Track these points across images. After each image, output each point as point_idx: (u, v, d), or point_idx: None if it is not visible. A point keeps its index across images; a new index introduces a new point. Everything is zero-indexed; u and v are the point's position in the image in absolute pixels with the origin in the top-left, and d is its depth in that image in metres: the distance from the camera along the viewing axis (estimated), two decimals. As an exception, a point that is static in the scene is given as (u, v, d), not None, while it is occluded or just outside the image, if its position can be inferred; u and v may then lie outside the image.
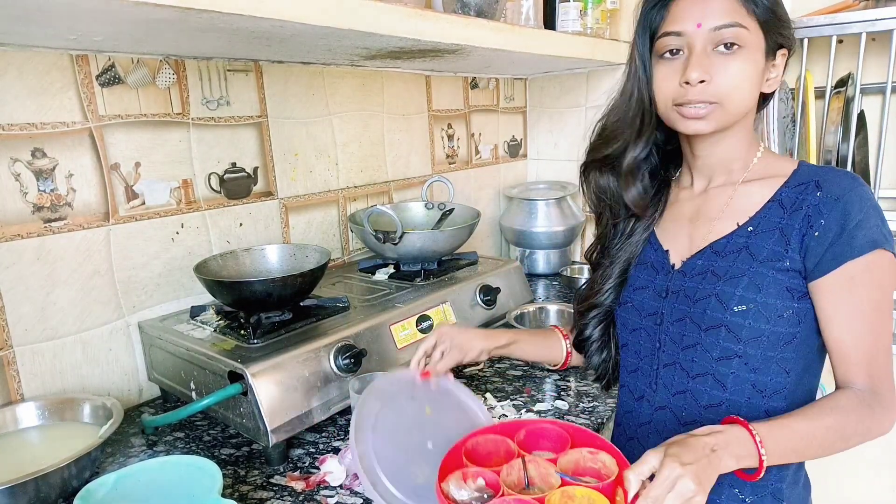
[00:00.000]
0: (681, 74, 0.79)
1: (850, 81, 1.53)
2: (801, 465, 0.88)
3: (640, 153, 0.90)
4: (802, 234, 0.78)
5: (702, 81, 0.77)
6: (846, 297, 0.77)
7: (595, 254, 1.01)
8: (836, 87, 1.55)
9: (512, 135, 2.29)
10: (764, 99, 0.87)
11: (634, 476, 0.67)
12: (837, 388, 0.80)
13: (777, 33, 0.80)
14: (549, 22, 1.72)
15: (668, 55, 0.80)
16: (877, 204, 0.78)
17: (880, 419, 0.77)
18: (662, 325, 0.88)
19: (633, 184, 0.91)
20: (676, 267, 0.88)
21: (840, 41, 1.54)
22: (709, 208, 0.88)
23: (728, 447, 0.69)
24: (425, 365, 0.96)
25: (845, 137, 1.52)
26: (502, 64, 1.81)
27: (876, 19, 1.41)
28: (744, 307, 0.79)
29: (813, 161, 1.59)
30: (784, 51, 0.83)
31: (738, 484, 0.83)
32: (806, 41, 1.52)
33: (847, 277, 0.76)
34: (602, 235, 1.00)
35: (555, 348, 1.08)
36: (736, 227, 0.83)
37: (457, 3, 1.32)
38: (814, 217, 0.77)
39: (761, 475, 0.71)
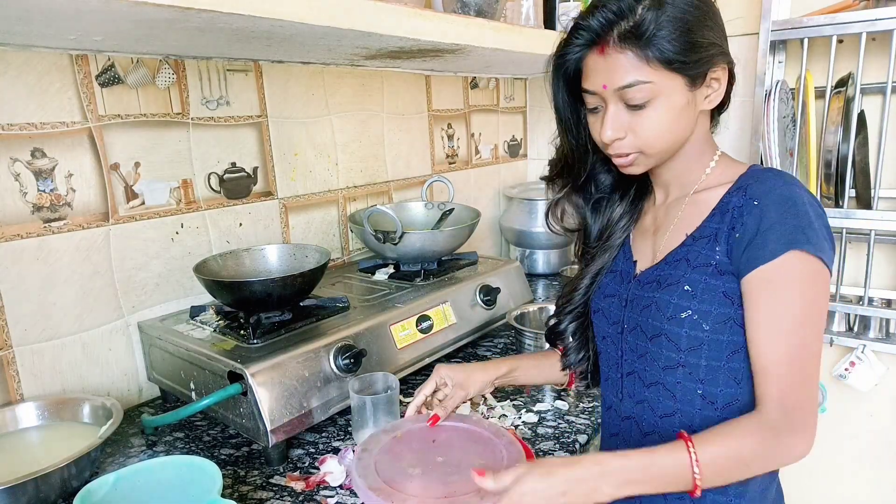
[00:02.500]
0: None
1: (850, 81, 1.53)
2: (771, 480, 0.85)
3: (558, 194, 0.95)
4: (727, 237, 0.77)
5: (618, 138, 0.78)
6: (762, 302, 0.74)
7: (580, 248, 1.02)
8: (836, 87, 1.55)
9: (512, 135, 2.29)
10: (719, 110, 0.86)
11: (492, 479, 0.70)
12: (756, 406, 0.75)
13: (695, 65, 0.75)
14: (549, 22, 1.72)
15: (594, 109, 0.82)
16: (805, 206, 0.74)
17: (788, 444, 0.71)
18: (623, 334, 0.89)
19: (553, 216, 0.97)
20: (636, 277, 0.89)
21: (840, 41, 1.54)
22: (667, 221, 0.88)
23: (605, 477, 0.69)
24: (426, 408, 0.97)
25: (845, 137, 1.52)
26: (502, 64, 1.81)
27: (876, 19, 1.41)
28: (681, 315, 0.79)
29: (813, 161, 1.59)
30: (716, 70, 0.78)
31: (697, 502, 0.80)
32: (806, 41, 1.52)
33: (764, 280, 0.73)
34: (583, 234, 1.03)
35: (557, 369, 1.06)
36: (685, 237, 0.83)
37: (457, 3, 1.32)
38: (736, 219, 0.77)
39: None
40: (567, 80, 0.83)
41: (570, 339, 1.02)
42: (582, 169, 0.92)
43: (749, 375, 0.78)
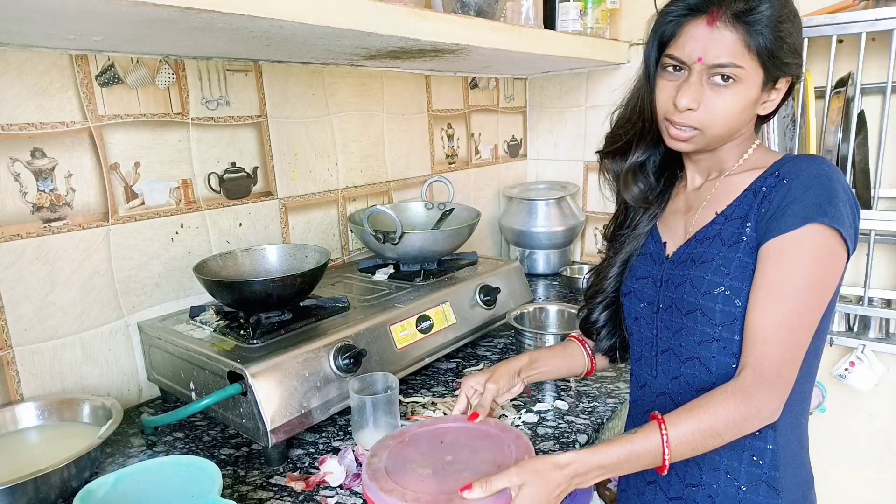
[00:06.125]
0: (675, 94, 0.81)
1: (850, 81, 1.53)
2: (802, 458, 0.88)
3: (639, 158, 0.95)
4: (755, 213, 0.81)
5: (689, 109, 0.80)
6: (770, 271, 0.76)
7: (610, 230, 1.04)
8: (836, 87, 1.55)
9: (512, 135, 2.29)
10: (764, 118, 0.88)
11: (479, 487, 0.74)
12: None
13: (778, 68, 0.79)
14: (549, 22, 1.72)
15: (670, 69, 0.83)
16: (832, 183, 0.76)
17: (758, 406, 0.74)
18: (658, 313, 0.91)
19: (634, 184, 0.96)
20: (668, 257, 0.92)
21: (840, 41, 1.54)
22: (699, 201, 0.91)
23: (586, 475, 0.76)
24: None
25: (845, 137, 1.52)
26: (502, 64, 1.81)
27: (876, 19, 1.41)
28: (714, 291, 0.82)
29: (813, 161, 1.59)
30: (788, 78, 0.82)
31: (733, 471, 0.84)
32: (806, 41, 1.52)
33: (776, 250, 0.76)
34: (617, 214, 1.03)
35: (577, 358, 1.07)
36: (715, 215, 0.86)
37: (457, 3, 1.32)
38: (766, 197, 0.80)
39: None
40: (661, 39, 0.84)
41: (603, 328, 1.04)
42: (651, 133, 0.92)
43: None
